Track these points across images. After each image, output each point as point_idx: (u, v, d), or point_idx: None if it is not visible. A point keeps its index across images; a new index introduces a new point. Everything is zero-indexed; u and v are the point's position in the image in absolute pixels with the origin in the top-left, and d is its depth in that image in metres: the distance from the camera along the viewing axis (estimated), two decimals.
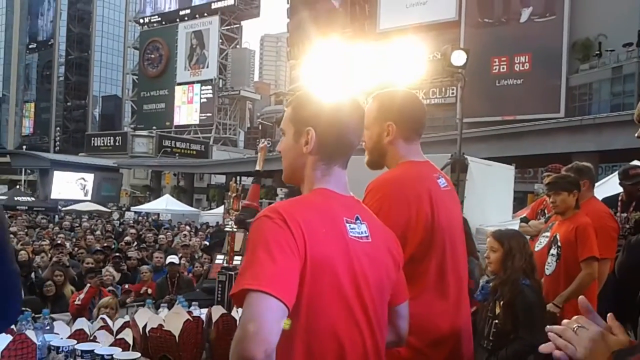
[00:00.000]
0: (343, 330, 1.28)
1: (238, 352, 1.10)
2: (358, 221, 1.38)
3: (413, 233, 1.76)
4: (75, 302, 5.17)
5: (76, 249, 9.98)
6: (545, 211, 4.34)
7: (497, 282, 2.84)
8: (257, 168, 3.61)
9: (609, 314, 1.04)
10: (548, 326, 1.05)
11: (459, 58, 6.63)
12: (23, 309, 4.51)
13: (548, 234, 3.67)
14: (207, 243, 9.94)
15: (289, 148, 1.45)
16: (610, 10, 26.16)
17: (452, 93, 30.22)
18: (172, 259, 6.94)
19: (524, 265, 2.84)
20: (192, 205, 34.79)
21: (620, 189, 4.54)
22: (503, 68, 29.68)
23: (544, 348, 1.04)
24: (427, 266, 1.79)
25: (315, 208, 1.33)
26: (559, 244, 3.49)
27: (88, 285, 5.78)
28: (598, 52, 27.41)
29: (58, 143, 73.68)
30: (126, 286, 6.66)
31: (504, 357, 2.66)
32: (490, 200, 6.11)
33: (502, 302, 2.75)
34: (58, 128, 76.85)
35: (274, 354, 1.12)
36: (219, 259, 4.03)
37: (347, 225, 1.34)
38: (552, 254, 3.54)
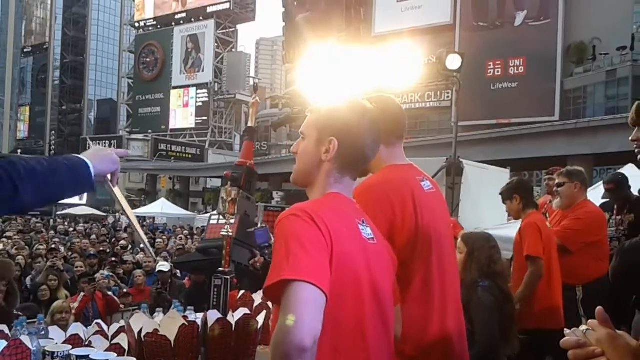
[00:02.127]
0: (366, 325, 1.33)
1: (288, 342, 1.13)
2: (365, 224, 1.45)
3: (398, 237, 1.78)
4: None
5: (70, 252, 9.95)
6: (547, 214, 4.34)
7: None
8: (250, 124, 3.59)
9: (597, 309, 1.05)
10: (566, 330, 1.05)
11: (453, 62, 6.66)
12: (18, 314, 4.49)
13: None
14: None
15: (308, 152, 1.50)
16: (604, 14, 26.29)
17: (448, 96, 30.31)
18: (162, 266, 6.78)
19: (484, 266, 2.82)
20: (187, 209, 34.71)
21: None
22: (498, 71, 29.78)
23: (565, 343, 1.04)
24: (412, 271, 1.80)
25: (335, 209, 1.39)
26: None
27: (82, 293, 5.76)
28: (592, 56, 27.53)
29: (53, 147, 73.43)
30: (125, 290, 6.66)
31: None
32: (485, 203, 6.12)
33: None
34: (53, 132, 76.60)
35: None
36: (214, 219, 4.02)
37: (360, 227, 1.42)
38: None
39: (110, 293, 6.10)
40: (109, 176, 1.53)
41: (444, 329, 1.83)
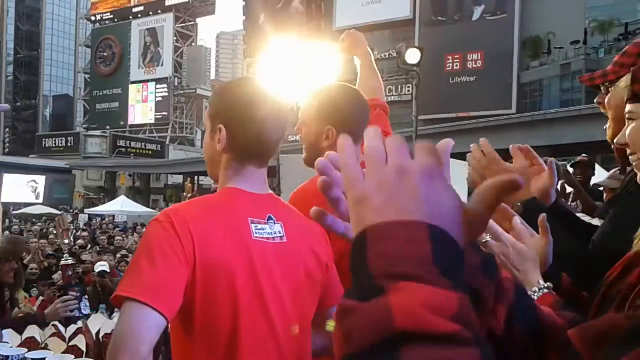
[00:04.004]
0: (241, 336, 1.22)
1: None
2: (271, 221, 1.32)
3: (334, 243, 1.71)
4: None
5: (25, 253, 9.69)
6: None
7: None
8: None
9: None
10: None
11: (413, 56, 6.74)
12: None
13: None
14: None
15: (207, 145, 1.39)
16: (559, 8, 26.98)
17: (408, 90, 30.60)
18: (102, 266, 6.34)
19: None
20: (148, 206, 34.19)
21: None
22: (456, 65, 30.26)
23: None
24: None
25: (215, 208, 1.29)
26: None
27: (41, 297, 5.61)
28: (547, 50, 28.23)
29: (7, 144, 71.28)
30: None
31: None
32: None
33: None
34: (7, 129, 74.36)
35: None
36: None
37: (252, 225, 1.28)
38: None
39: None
40: None
41: None
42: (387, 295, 0.41)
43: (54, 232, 16.15)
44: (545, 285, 0.98)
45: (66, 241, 3.15)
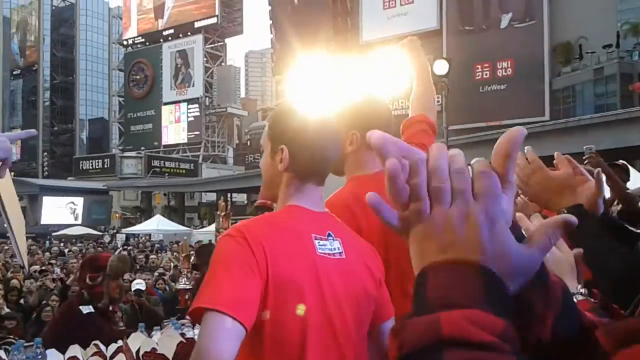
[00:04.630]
0: (309, 348, 1.25)
1: None
2: (330, 237, 1.37)
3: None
4: None
5: (65, 271, 9.93)
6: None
7: None
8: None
9: None
10: None
11: (441, 67, 6.73)
12: (16, 339, 4.47)
13: None
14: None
15: (267, 165, 1.45)
16: (589, 12, 26.55)
17: (438, 102, 30.31)
18: (139, 284, 6.27)
19: None
20: (183, 224, 34.65)
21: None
22: (486, 74, 29.95)
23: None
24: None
25: (281, 225, 1.33)
26: None
27: None
28: (579, 55, 27.76)
29: (46, 168, 73.21)
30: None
31: None
32: None
33: None
34: (45, 153, 76.39)
35: None
36: None
37: (316, 242, 1.33)
38: None
39: None
40: None
41: None
42: (438, 313, 0.47)
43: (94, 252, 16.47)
44: (581, 291, 0.97)
45: (186, 266, 3.25)
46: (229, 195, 37.86)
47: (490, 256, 0.51)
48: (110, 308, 3.40)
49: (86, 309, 3.08)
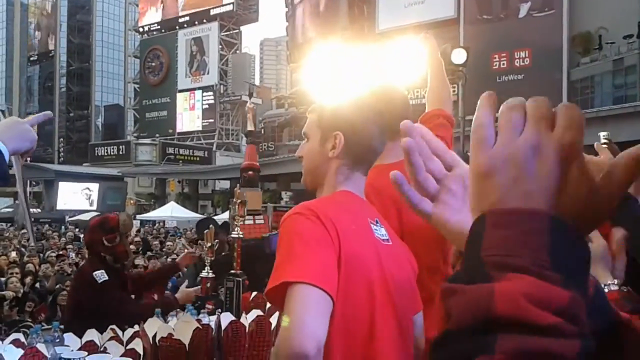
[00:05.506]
0: (377, 331, 1.27)
1: (288, 347, 1.08)
2: (378, 224, 1.41)
3: None
4: None
5: (80, 256, 10.04)
6: None
7: None
8: (250, 129, 3.61)
9: None
10: None
11: (459, 56, 6.65)
12: (41, 321, 4.52)
13: None
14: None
15: (314, 152, 1.48)
16: (610, 2, 26.11)
17: (454, 91, 30.10)
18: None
19: None
20: (197, 212, 34.83)
21: None
22: (503, 64, 29.65)
23: None
24: None
25: (343, 207, 1.36)
26: None
27: None
28: (599, 45, 27.34)
29: (62, 154, 73.89)
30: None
31: None
32: None
33: None
34: (61, 139, 77.09)
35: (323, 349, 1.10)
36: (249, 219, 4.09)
37: (372, 226, 1.37)
38: None
39: None
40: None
41: None
42: (492, 283, 0.41)
43: None
44: (615, 281, 0.96)
45: (209, 255, 3.32)
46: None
47: (563, 199, 0.44)
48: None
49: (100, 278, 3.09)
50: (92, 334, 2.30)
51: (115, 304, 3.01)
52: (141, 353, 2.18)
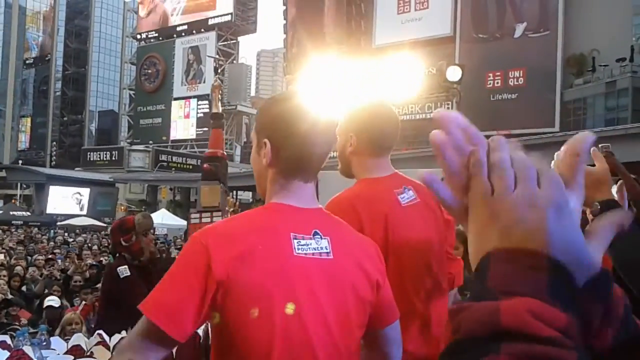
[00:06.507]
0: (277, 354, 1.18)
1: None
2: (317, 236, 1.27)
3: None
4: None
5: (68, 260, 10.00)
6: None
7: None
8: (215, 110, 3.62)
9: None
10: None
11: (454, 74, 6.71)
12: (21, 325, 4.51)
13: None
14: None
15: (253, 159, 1.38)
16: (603, 25, 26.43)
17: (448, 108, 30.34)
18: (51, 301, 5.90)
19: None
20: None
21: None
22: (498, 83, 29.88)
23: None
24: None
25: (254, 224, 1.26)
26: None
27: (83, 302, 5.75)
28: (592, 67, 27.64)
29: (54, 158, 73.57)
30: None
31: None
32: None
33: None
34: (54, 143, 76.80)
35: None
36: (194, 217, 4.21)
37: (295, 241, 1.24)
38: None
39: None
40: None
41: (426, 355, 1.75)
42: (498, 301, 0.44)
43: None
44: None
45: None
46: (234, 192, 37.90)
47: (556, 246, 0.48)
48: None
49: (123, 273, 3.54)
50: (78, 339, 2.30)
51: (133, 298, 3.16)
52: None
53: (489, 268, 0.48)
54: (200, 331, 2.30)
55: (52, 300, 5.98)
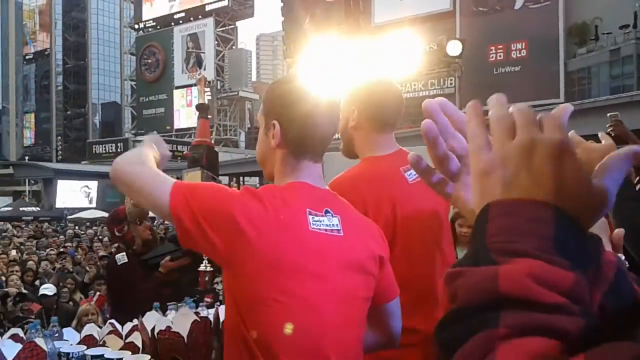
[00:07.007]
0: (298, 322, 1.23)
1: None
2: (329, 214, 1.32)
3: None
4: None
5: (79, 252, 10.08)
6: None
7: None
8: (201, 101, 3.63)
9: None
10: None
11: (454, 48, 6.66)
12: (33, 319, 4.58)
13: None
14: None
15: (261, 141, 1.42)
16: None
17: (451, 83, 30.17)
18: (46, 289, 5.98)
19: None
20: None
21: None
22: (500, 56, 29.63)
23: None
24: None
25: (278, 194, 1.32)
26: None
27: (97, 293, 5.81)
28: (595, 36, 27.33)
29: (60, 152, 73.79)
30: None
31: None
32: None
33: None
34: (59, 137, 76.96)
35: None
36: None
37: (310, 217, 1.29)
38: None
39: None
40: None
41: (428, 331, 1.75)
42: (497, 265, 0.41)
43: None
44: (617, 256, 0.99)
45: None
46: (240, 178, 37.97)
47: (562, 192, 0.45)
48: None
49: (121, 260, 3.64)
50: (90, 328, 2.32)
51: (131, 285, 3.50)
52: (140, 346, 2.19)
53: (487, 223, 0.45)
54: (210, 316, 2.32)
55: (47, 289, 6.03)
